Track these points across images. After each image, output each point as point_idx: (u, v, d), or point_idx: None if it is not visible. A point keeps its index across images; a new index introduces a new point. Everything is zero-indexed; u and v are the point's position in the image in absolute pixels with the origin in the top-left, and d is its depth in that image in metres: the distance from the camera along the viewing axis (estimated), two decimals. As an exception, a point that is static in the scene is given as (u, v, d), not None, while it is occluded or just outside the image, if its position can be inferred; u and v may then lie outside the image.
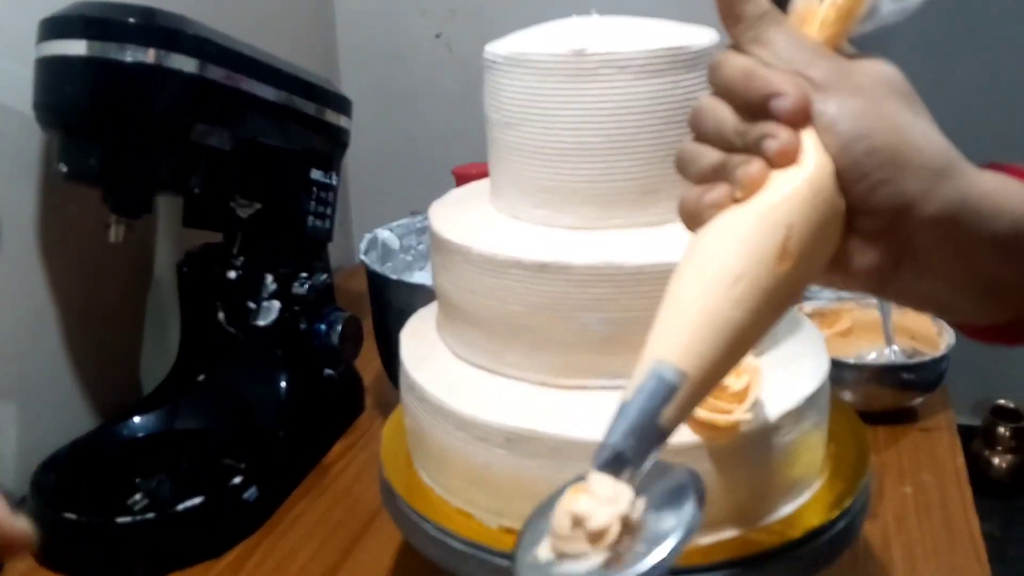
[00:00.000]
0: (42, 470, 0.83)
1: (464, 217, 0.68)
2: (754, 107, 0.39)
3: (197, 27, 0.79)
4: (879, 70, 0.40)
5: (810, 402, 0.61)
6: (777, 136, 0.39)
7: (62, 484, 0.82)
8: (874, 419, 0.92)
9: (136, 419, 0.90)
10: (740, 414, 0.56)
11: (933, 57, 2.34)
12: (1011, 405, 2.23)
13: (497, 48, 0.64)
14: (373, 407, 1.04)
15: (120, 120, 0.77)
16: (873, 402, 0.94)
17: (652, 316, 0.58)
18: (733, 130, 0.40)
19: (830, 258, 0.40)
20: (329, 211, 0.98)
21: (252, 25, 1.05)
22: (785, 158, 0.39)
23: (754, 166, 0.39)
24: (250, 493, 0.82)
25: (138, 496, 0.81)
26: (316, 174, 0.96)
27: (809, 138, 0.39)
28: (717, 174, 0.40)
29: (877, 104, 0.39)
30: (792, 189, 0.38)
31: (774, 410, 0.58)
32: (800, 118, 0.39)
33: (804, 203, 0.38)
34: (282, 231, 0.94)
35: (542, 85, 0.60)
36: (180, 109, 0.78)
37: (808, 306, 1.04)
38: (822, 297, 1.14)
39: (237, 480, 0.81)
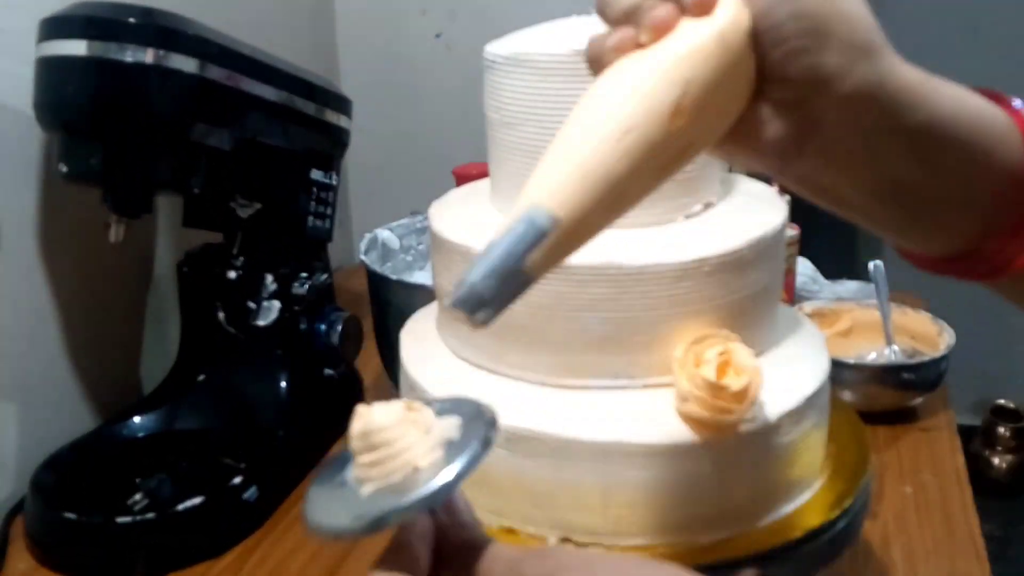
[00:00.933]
0: (42, 470, 0.83)
1: (464, 217, 0.68)
2: None
3: (197, 27, 0.79)
4: None
5: (810, 402, 0.61)
6: None
7: (62, 484, 0.82)
8: (874, 419, 0.92)
9: (136, 419, 0.90)
10: (740, 414, 0.56)
11: (934, 57, 2.34)
12: (1011, 405, 2.23)
13: (497, 48, 0.64)
14: (373, 407, 1.04)
15: (120, 120, 0.77)
16: (873, 402, 0.94)
17: (652, 316, 0.59)
18: None
19: (730, 125, 0.38)
20: (329, 211, 0.98)
21: (252, 25, 1.05)
22: (699, 7, 0.37)
23: (661, 9, 0.37)
24: (250, 493, 0.82)
25: (138, 496, 0.81)
26: (316, 174, 0.96)
27: None
28: (628, 18, 0.38)
29: None
30: (699, 41, 0.36)
31: (774, 410, 0.58)
32: None
33: (709, 59, 0.36)
34: (282, 231, 0.94)
35: (542, 85, 0.60)
36: (180, 109, 0.78)
37: (808, 306, 1.04)
38: (822, 297, 1.14)
39: (237, 480, 0.81)
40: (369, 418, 0.40)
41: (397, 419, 0.40)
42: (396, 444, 0.39)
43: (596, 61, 0.39)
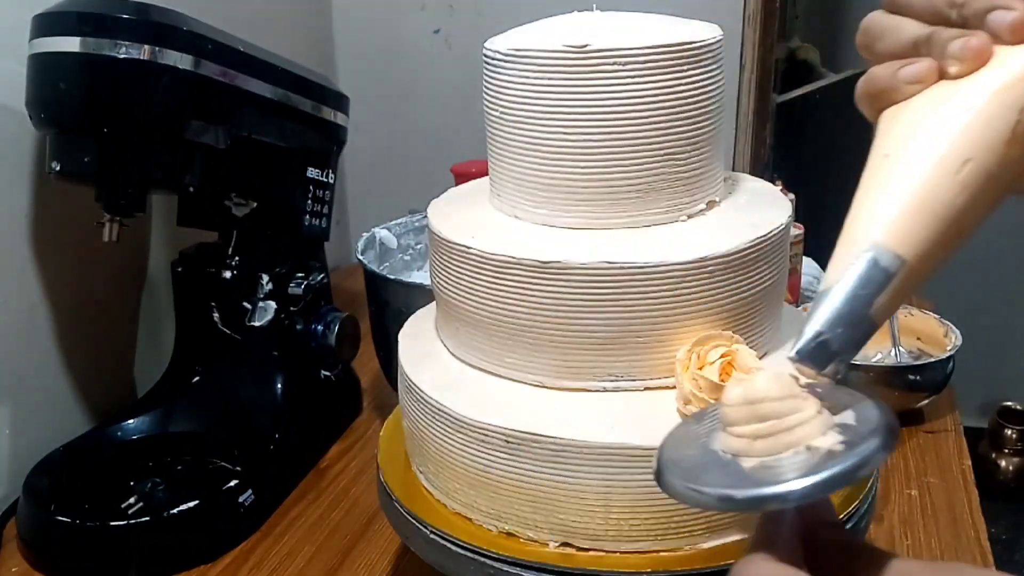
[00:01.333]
0: (35, 473, 0.82)
1: (463, 216, 0.67)
2: None
3: (192, 23, 0.78)
4: None
5: (815, 404, 0.60)
6: (1011, 7, 0.36)
7: (56, 487, 0.81)
8: (879, 420, 0.91)
9: (130, 421, 0.89)
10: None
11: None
12: (1018, 407, 2.22)
13: (497, 44, 0.63)
14: (371, 409, 1.03)
15: (114, 117, 0.76)
16: (878, 403, 0.93)
17: (654, 317, 0.58)
18: (946, 1, 0.37)
19: None
20: (326, 210, 0.97)
21: (247, 21, 1.04)
22: (1017, 33, 0.36)
23: (977, 38, 0.36)
24: (246, 496, 0.81)
25: (132, 499, 0.80)
26: (313, 172, 0.95)
27: None
28: (916, 50, 0.38)
29: None
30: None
31: (779, 412, 0.57)
32: None
33: None
34: (278, 230, 0.93)
35: (542, 81, 0.60)
36: (175, 106, 0.77)
37: (811, 306, 1.03)
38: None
39: (232, 483, 0.80)
40: (756, 385, 0.36)
41: (789, 391, 0.36)
42: (789, 418, 0.36)
43: (883, 94, 0.38)
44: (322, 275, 0.94)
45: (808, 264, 1.16)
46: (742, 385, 0.37)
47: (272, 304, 0.88)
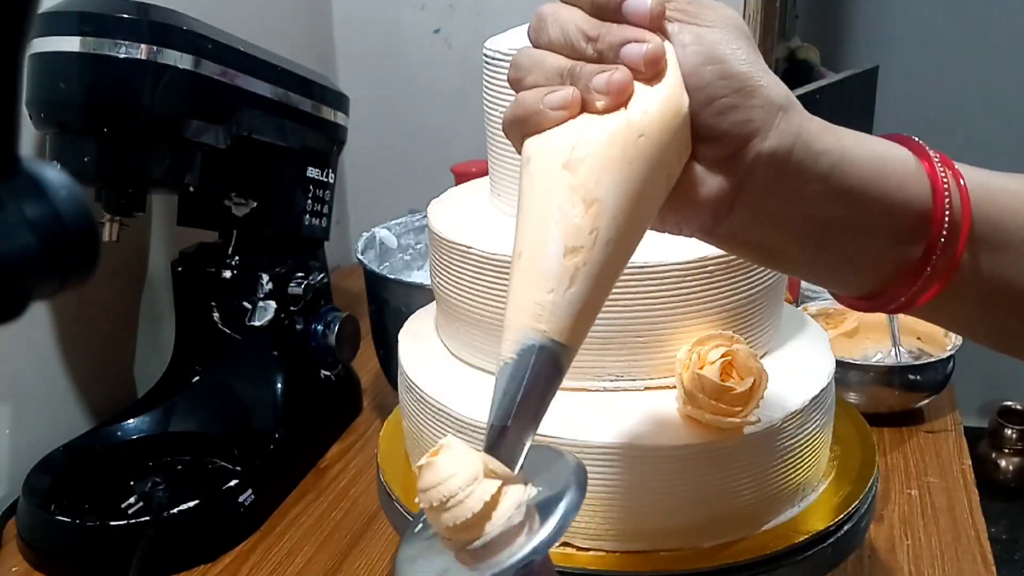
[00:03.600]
0: (35, 473, 0.82)
1: (463, 216, 0.67)
2: (608, 10, 0.38)
3: (191, 22, 0.78)
4: (728, 12, 0.40)
5: (815, 404, 0.60)
6: (644, 40, 0.37)
7: (56, 487, 0.81)
8: (880, 421, 0.91)
9: (130, 421, 0.89)
10: (744, 416, 0.55)
11: (933, 57, 2.33)
12: (1018, 407, 2.22)
13: (497, 43, 0.63)
14: (371, 408, 1.03)
15: (114, 117, 0.76)
16: (879, 404, 0.93)
17: (654, 316, 0.58)
18: (583, 34, 0.38)
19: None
20: (326, 209, 0.97)
21: (247, 20, 1.04)
22: (653, 66, 0.37)
23: (620, 73, 0.37)
24: (246, 496, 0.81)
25: (132, 499, 0.80)
26: (313, 172, 0.95)
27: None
28: (562, 81, 0.38)
29: (730, 37, 0.38)
30: (664, 106, 0.37)
31: (778, 412, 0.58)
32: (657, 24, 0.38)
33: (670, 125, 0.37)
34: (278, 230, 0.93)
35: (542, 80, 0.59)
36: (174, 106, 0.77)
37: (813, 306, 1.03)
38: (827, 297, 1.13)
39: (233, 483, 0.80)
40: (438, 471, 0.36)
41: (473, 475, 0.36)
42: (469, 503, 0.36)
43: (527, 120, 0.39)
44: (322, 275, 0.94)
45: (808, 264, 1.16)
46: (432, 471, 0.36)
47: (272, 304, 0.88)
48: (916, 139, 0.43)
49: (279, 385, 0.89)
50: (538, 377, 0.37)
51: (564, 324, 0.37)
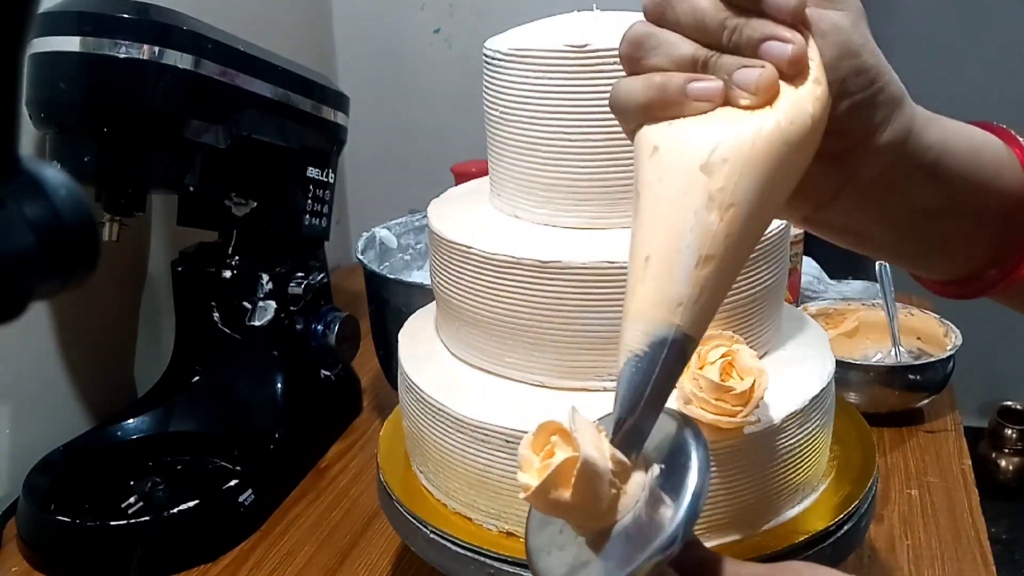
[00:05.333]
0: (35, 473, 0.82)
1: (463, 216, 0.67)
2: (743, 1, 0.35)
3: (192, 23, 0.78)
4: None
5: (815, 404, 0.60)
6: (787, 39, 0.34)
7: (56, 487, 0.81)
8: (880, 421, 0.91)
9: (130, 421, 0.89)
10: (744, 416, 0.55)
11: (933, 57, 2.33)
12: (1018, 406, 2.22)
13: (497, 43, 0.63)
14: (371, 408, 1.03)
15: (114, 117, 0.76)
16: (879, 403, 0.93)
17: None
18: (718, 22, 0.35)
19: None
20: (326, 209, 0.97)
21: (248, 20, 1.04)
22: (797, 66, 0.35)
23: (769, 71, 0.34)
24: (246, 496, 0.81)
25: (132, 499, 0.80)
26: (313, 172, 0.95)
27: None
28: (695, 69, 0.36)
29: (858, 20, 0.36)
30: (813, 107, 0.35)
31: (778, 412, 0.57)
32: (800, 19, 0.35)
33: (816, 127, 0.35)
34: (278, 230, 0.93)
35: (543, 81, 0.60)
36: (174, 105, 0.77)
37: (813, 306, 1.03)
38: (827, 297, 1.13)
39: (232, 483, 0.80)
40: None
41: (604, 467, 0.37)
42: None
43: (659, 105, 0.36)
44: (322, 275, 0.94)
45: (808, 264, 1.16)
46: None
47: (272, 304, 0.88)
48: (1002, 126, 0.43)
49: (279, 385, 0.89)
50: (669, 370, 0.37)
51: (696, 320, 0.36)
